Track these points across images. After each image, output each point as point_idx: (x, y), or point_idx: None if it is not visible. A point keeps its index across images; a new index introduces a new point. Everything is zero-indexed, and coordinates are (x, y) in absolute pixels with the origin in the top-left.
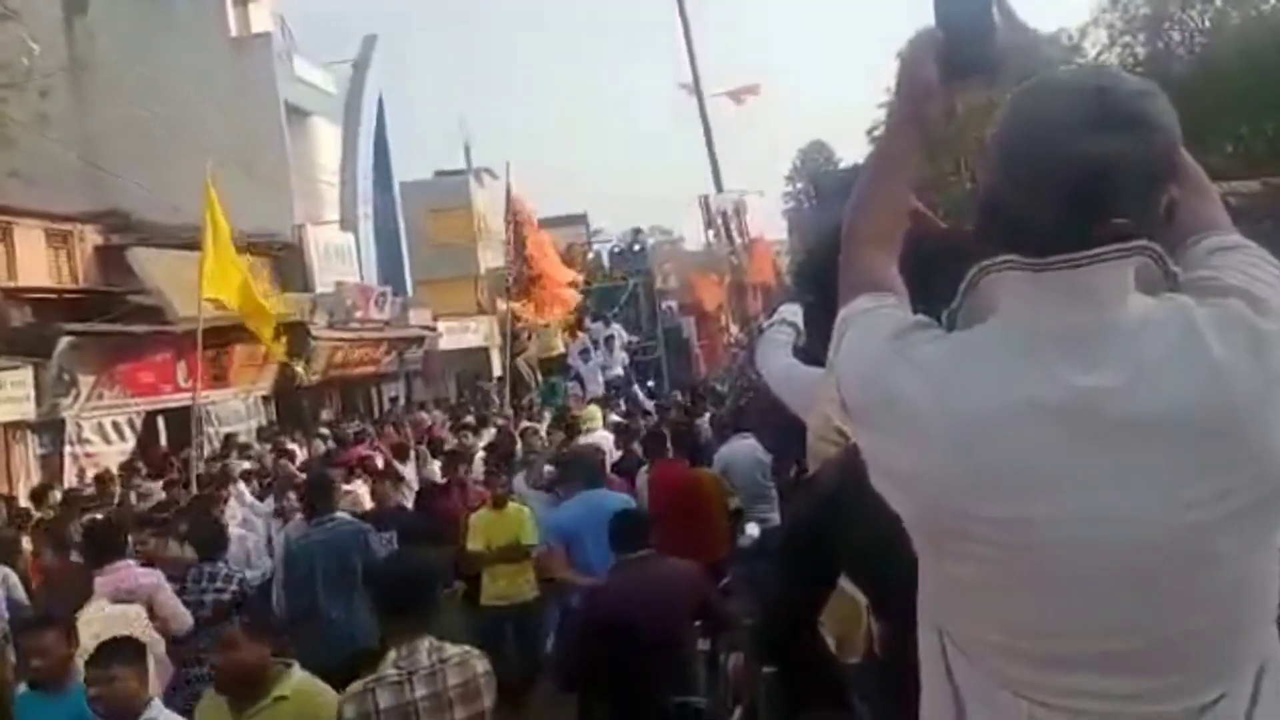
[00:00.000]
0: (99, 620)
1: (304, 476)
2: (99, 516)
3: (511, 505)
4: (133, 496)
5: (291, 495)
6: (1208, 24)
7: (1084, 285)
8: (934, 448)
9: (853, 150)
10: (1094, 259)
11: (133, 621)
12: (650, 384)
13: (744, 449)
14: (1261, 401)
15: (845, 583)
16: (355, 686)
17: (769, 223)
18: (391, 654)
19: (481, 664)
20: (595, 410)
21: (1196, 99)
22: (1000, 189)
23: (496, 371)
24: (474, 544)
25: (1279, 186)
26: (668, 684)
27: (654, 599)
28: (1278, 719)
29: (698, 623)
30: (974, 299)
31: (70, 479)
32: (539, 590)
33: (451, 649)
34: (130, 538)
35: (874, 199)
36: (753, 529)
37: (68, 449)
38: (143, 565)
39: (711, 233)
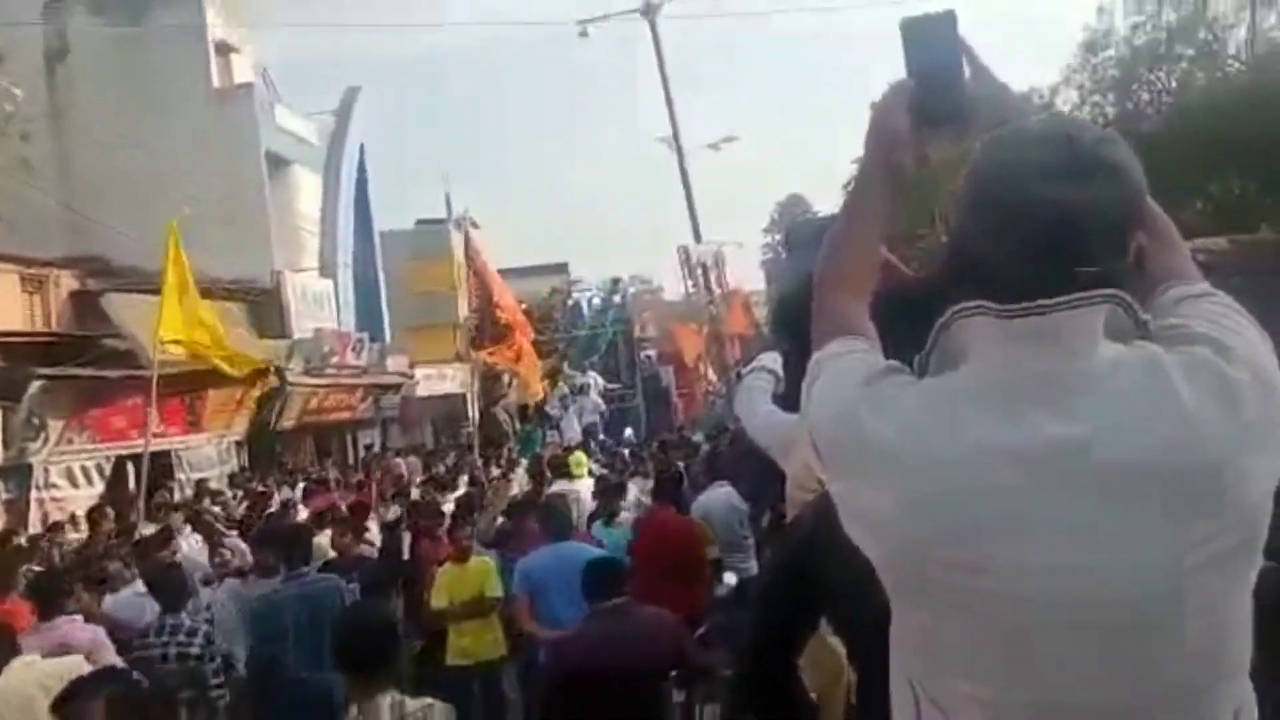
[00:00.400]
0: (19, 674)
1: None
2: (38, 568)
3: (475, 559)
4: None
5: (225, 552)
6: (1175, 84)
7: (1054, 333)
8: (905, 494)
9: (830, 203)
10: (1063, 306)
11: (69, 673)
12: (628, 432)
13: (721, 497)
14: (1232, 448)
15: (828, 634)
16: None
17: (747, 274)
18: (353, 710)
19: (442, 715)
20: (581, 456)
21: (1165, 157)
22: (970, 235)
23: (475, 417)
24: (437, 600)
25: (1248, 243)
26: None
27: (627, 648)
28: None
29: (673, 673)
30: (945, 344)
31: (35, 524)
32: (506, 648)
33: (412, 704)
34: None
35: (846, 246)
36: (730, 578)
37: (34, 494)
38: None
39: (690, 283)
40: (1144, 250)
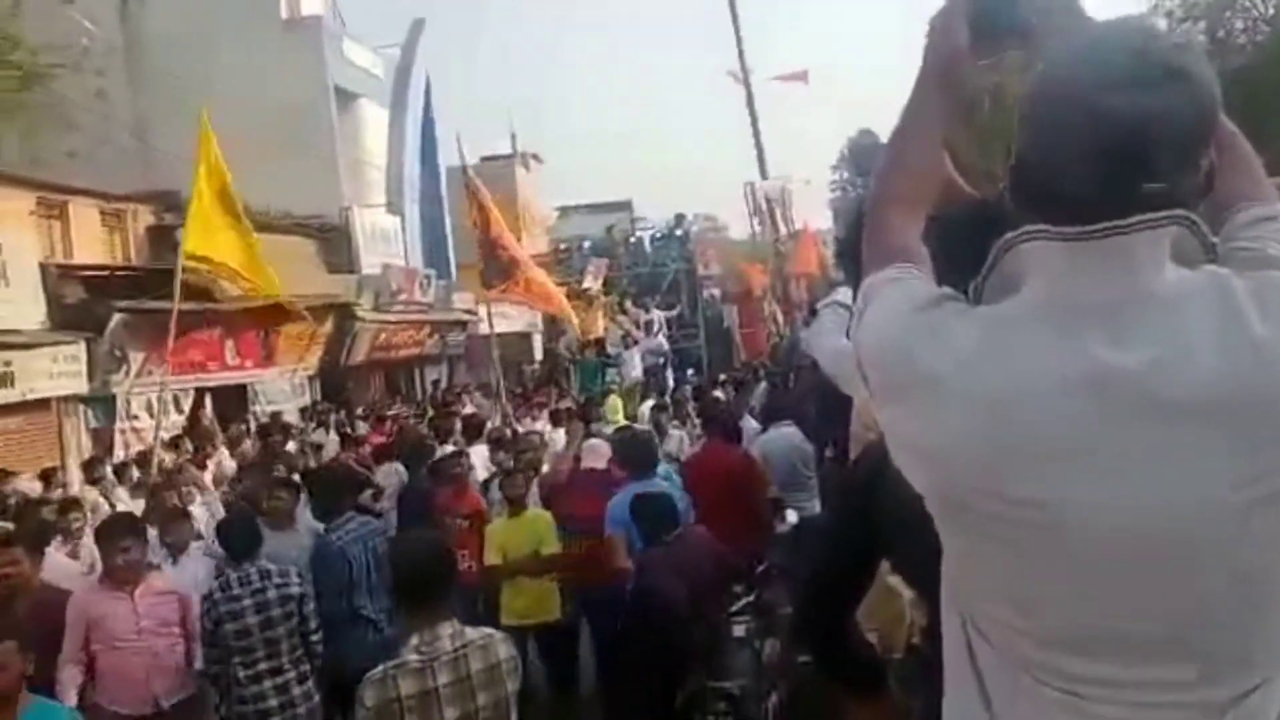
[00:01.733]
0: None
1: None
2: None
3: (530, 512)
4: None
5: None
6: (1272, 11)
7: (1117, 256)
8: (957, 423)
9: None
10: (1128, 228)
11: None
12: (690, 371)
13: (783, 436)
14: None
15: (890, 578)
16: (375, 672)
17: (815, 212)
18: (413, 639)
19: (505, 648)
20: (617, 403)
21: (1258, 89)
22: (1032, 153)
23: (539, 356)
24: (490, 556)
25: None
26: (701, 663)
27: (685, 573)
28: None
29: (733, 608)
30: (1002, 270)
31: (119, 453)
32: (566, 608)
33: (473, 633)
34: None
35: (900, 166)
36: (791, 516)
37: (119, 424)
38: None
39: (756, 220)
40: (1214, 169)
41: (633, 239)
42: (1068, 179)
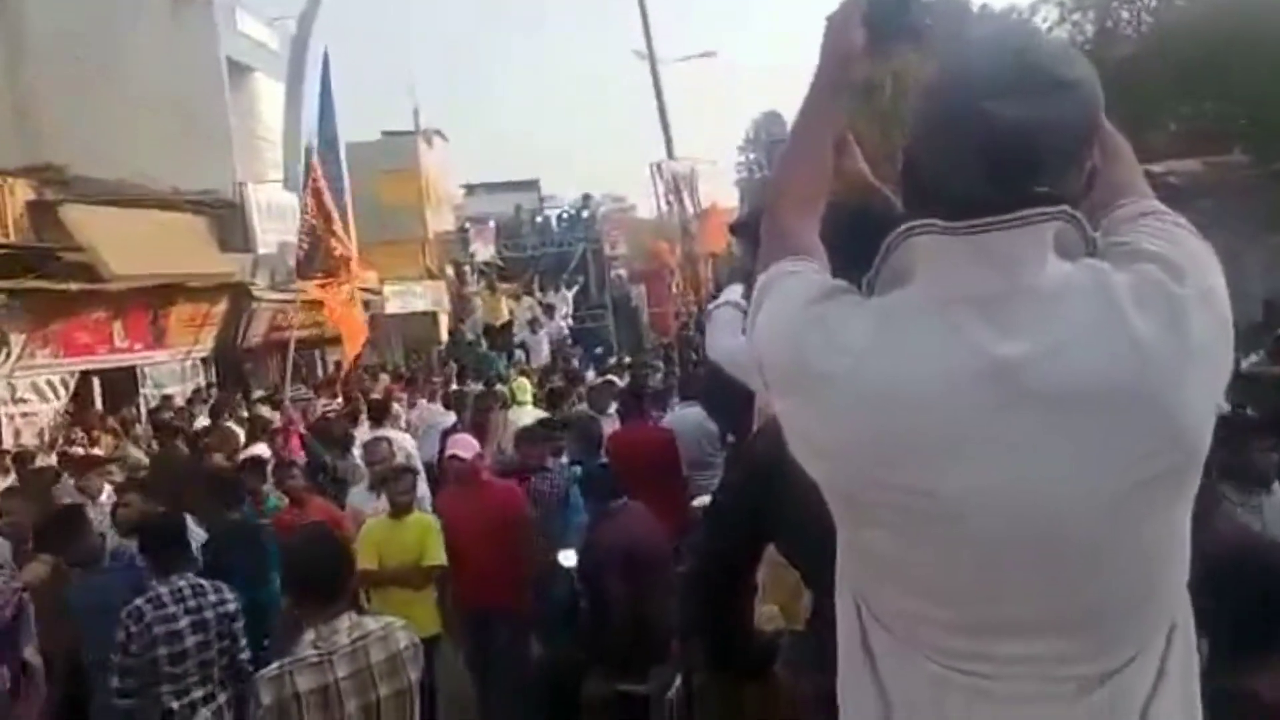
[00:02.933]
0: None
1: None
2: None
3: (415, 515)
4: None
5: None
6: (1155, 3)
7: (1002, 250)
8: (848, 414)
9: None
10: (1012, 223)
11: None
12: (598, 350)
13: (690, 416)
14: (1177, 371)
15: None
16: (270, 670)
17: (722, 192)
18: (309, 634)
19: (405, 636)
20: (525, 383)
21: (1142, 78)
22: (922, 152)
23: (445, 336)
24: (365, 559)
25: (1220, 166)
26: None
27: (648, 539)
28: (1186, 677)
29: None
30: (893, 263)
31: (8, 439)
32: (440, 625)
33: (372, 623)
34: None
35: (797, 163)
36: (704, 498)
37: (3, 408)
38: None
39: (664, 200)
40: (1096, 168)
41: (539, 218)
42: (956, 179)
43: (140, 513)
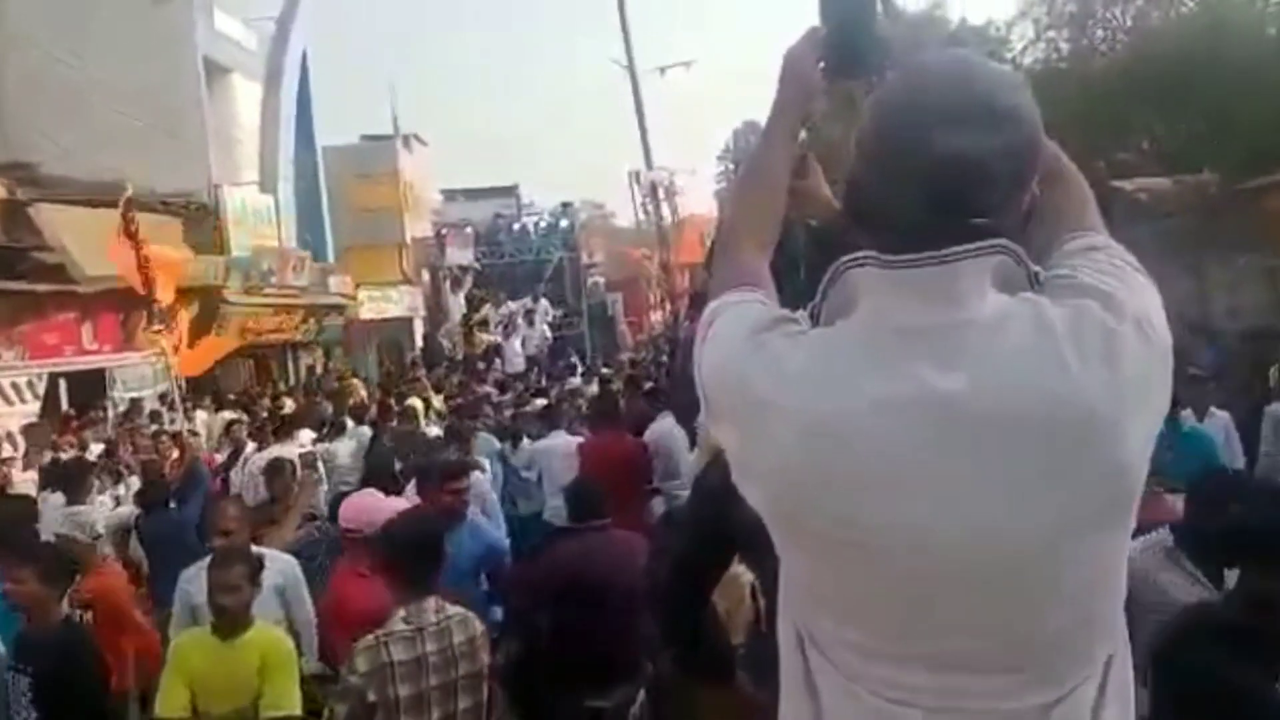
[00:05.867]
0: None
1: None
2: None
3: (256, 630)
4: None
5: None
6: (1130, 23)
7: (940, 284)
8: (783, 446)
9: None
10: (949, 257)
11: None
12: (573, 359)
13: (665, 427)
14: (1111, 404)
15: (738, 566)
16: (366, 639)
17: (700, 201)
18: (400, 611)
19: (479, 624)
20: (417, 402)
21: (1116, 96)
22: (864, 179)
23: (419, 342)
24: (170, 694)
25: (1190, 184)
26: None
27: (620, 564)
28: (1124, 706)
29: None
30: (835, 294)
31: None
32: None
33: (453, 608)
34: None
35: (751, 195)
36: (659, 506)
37: None
38: None
39: (642, 209)
40: (1036, 200)
41: (516, 225)
42: (896, 208)
43: None
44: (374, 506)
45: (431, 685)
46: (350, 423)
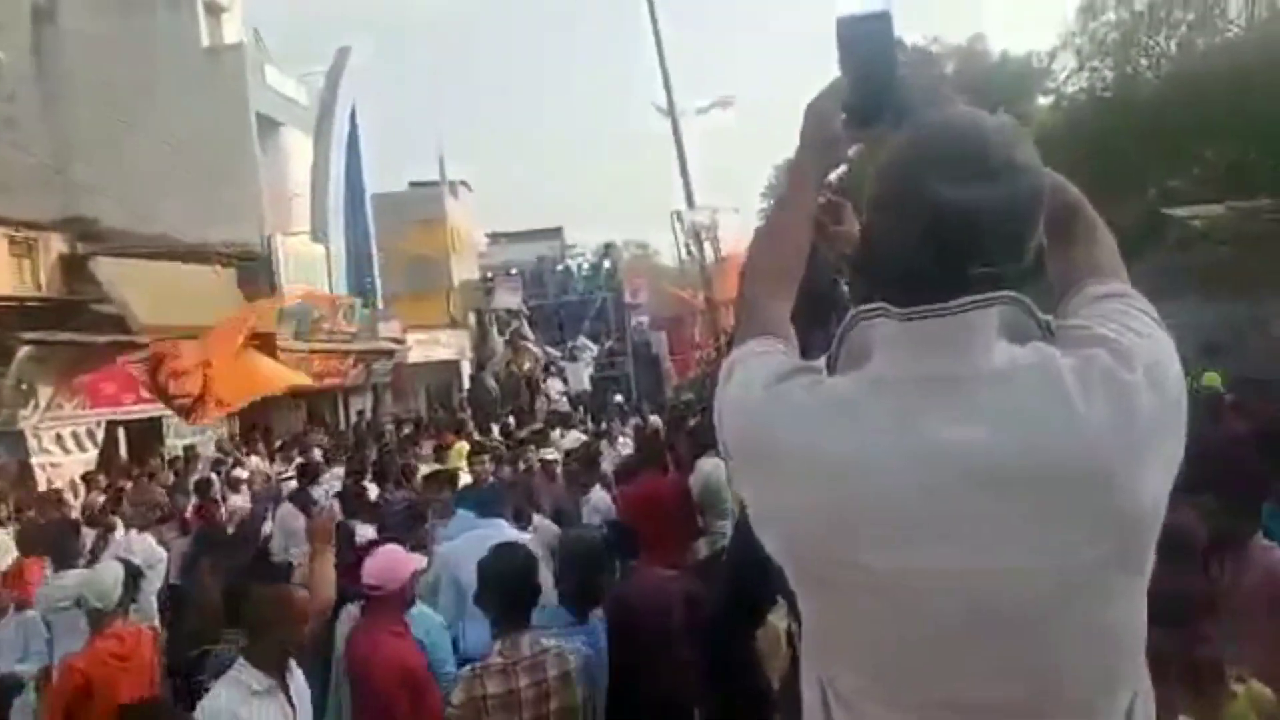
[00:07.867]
0: None
1: None
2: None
3: None
4: None
5: None
6: (1174, 49)
7: (950, 335)
8: (800, 495)
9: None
10: (960, 309)
11: None
12: (619, 398)
13: (708, 467)
14: (1122, 454)
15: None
16: (465, 671)
17: (743, 239)
18: (496, 644)
19: (575, 659)
20: (464, 445)
21: (1163, 123)
22: (874, 230)
23: (467, 385)
24: None
25: (1243, 210)
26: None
27: (649, 603)
28: None
29: None
30: (851, 344)
31: (41, 488)
32: None
33: (548, 641)
34: None
35: (774, 242)
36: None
37: (34, 459)
38: None
39: (685, 248)
40: (1043, 248)
41: (560, 266)
42: (904, 259)
43: None
44: (398, 563)
45: (524, 719)
46: None
